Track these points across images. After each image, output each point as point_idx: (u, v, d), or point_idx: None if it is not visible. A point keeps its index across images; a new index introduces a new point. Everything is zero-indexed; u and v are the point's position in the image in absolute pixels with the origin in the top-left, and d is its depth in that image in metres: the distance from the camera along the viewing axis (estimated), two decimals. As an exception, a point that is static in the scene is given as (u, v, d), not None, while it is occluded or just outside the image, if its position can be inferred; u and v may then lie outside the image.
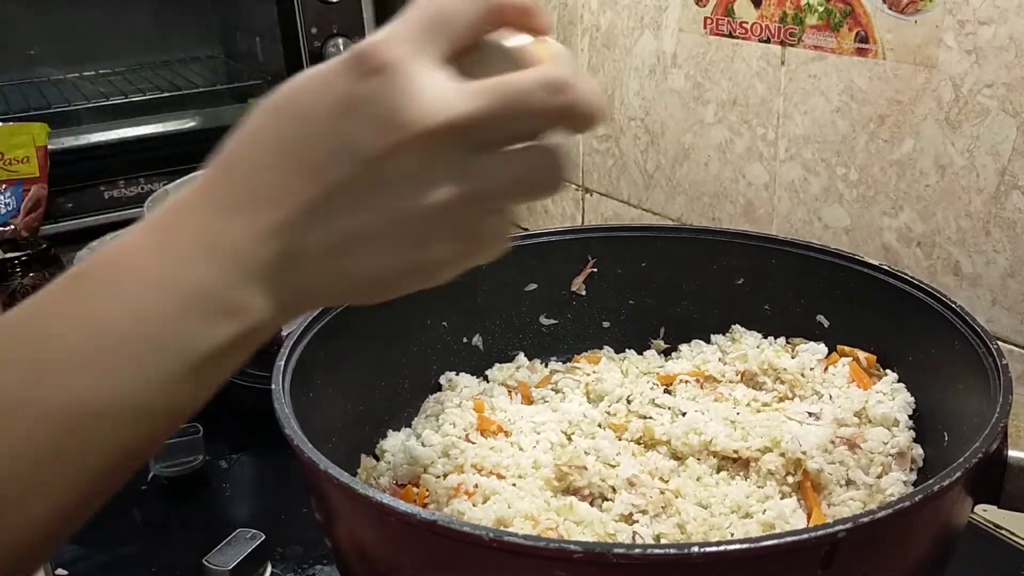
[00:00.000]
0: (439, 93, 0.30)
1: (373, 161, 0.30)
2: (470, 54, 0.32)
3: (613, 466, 0.55)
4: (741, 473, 0.55)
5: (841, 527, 0.37)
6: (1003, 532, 0.64)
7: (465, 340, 0.69)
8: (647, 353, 0.70)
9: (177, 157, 1.33)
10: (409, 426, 0.64)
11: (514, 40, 0.33)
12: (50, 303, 0.31)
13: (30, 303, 0.31)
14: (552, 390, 0.66)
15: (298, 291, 0.33)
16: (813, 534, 0.37)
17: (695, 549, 0.36)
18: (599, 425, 0.60)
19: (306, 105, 0.31)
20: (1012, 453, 0.45)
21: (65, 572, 0.64)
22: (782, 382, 0.63)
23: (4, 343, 0.31)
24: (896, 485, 0.53)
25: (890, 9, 0.74)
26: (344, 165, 0.30)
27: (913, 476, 0.56)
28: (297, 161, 0.31)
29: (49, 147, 1.12)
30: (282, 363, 0.52)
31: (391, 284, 0.34)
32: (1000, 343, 0.52)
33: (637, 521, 0.50)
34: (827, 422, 0.57)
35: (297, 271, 0.32)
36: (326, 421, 0.55)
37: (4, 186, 1.07)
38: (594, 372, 0.67)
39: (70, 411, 0.29)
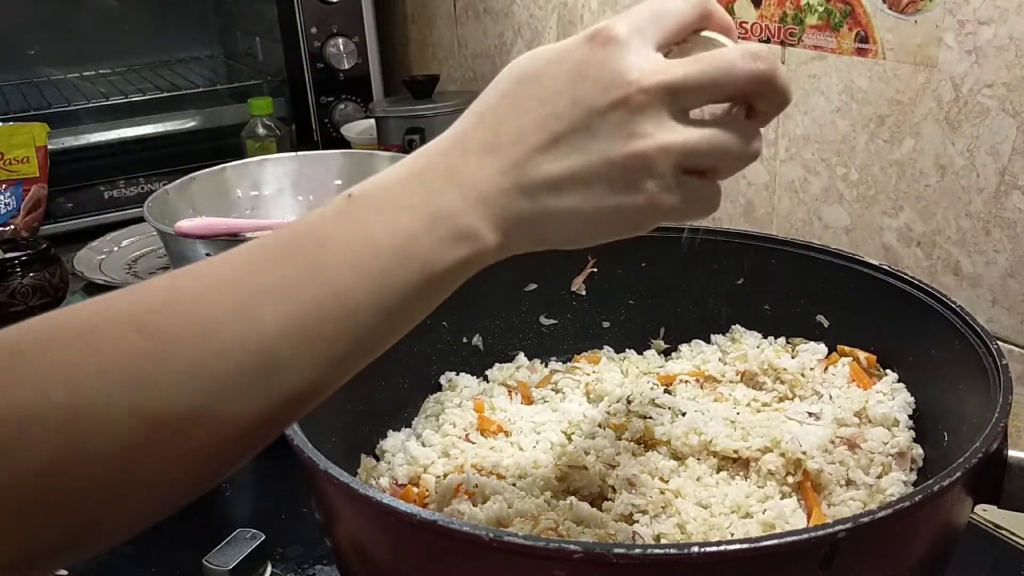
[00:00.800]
0: (655, 62, 0.37)
1: (596, 112, 0.37)
2: (680, 46, 0.40)
3: (613, 466, 0.55)
4: (741, 473, 0.55)
5: (841, 527, 0.37)
6: (1003, 532, 0.64)
7: (465, 340, 0.69)
8: (647, 353, 0.70)
9: (177, 157, 1.33)
10: (409, 426, 0.64)
11: (716, 37, 0.40)
12: (321, 220, 0.37)
13: (303, 220, 0.37)
14: (552, 390, 0.66)
15: (522, 224, 0.38)
16: (813, 534, 0.37)
17: (695, 549, 0.36)
18: (599, 425, 0.60)
19: (547, 69, 0.38)
20: (1012, 453, 0.45)
21: (65, 572, 0.64)
22: (782, 382, 0.63)
23: (287, 245, 0.36)
24: (896, 485, 0.53)
25: (890, 9, 0.74)
26: (572, 115, 0.37)
27: (913, 476, 0.55)
28: (536, 114, 0.37)
29: (49, 147, 1.13)
30: (282, 363, 0.52)
31: (601, 227, 0.39)
32: (1000, 343, 0.52)
33: (637, 521, 0.50)
34: (827, 422, 0.57)
35: (523, 204, 0.37)
36: (326, 421, 0.55)
37: (4, 186, 1.07)
38: (594, 372, 0.67)
39: (333, 303, 0.35)
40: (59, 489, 0.31)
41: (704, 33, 0.40)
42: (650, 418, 0.60)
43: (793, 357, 0.64)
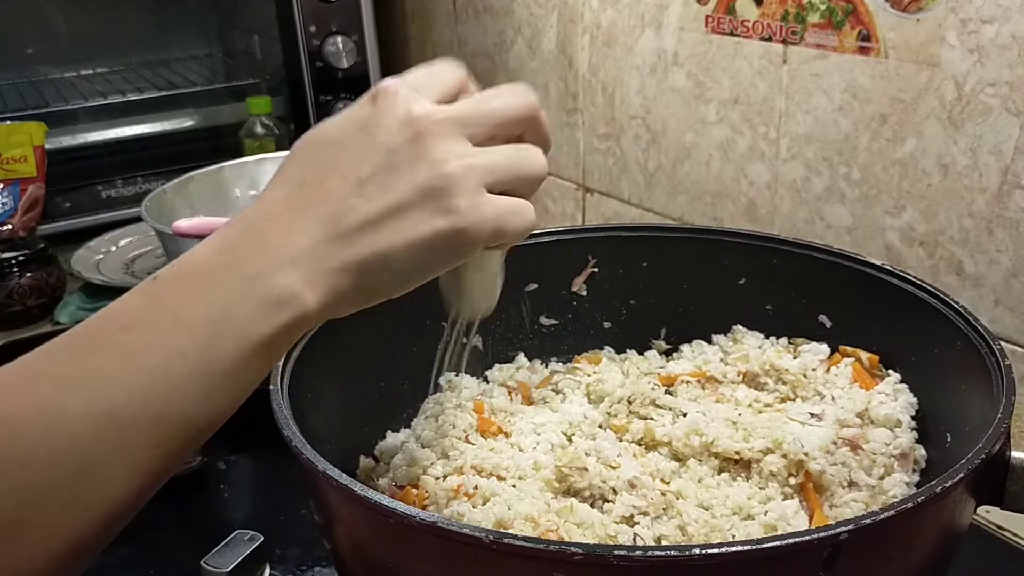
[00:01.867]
0: (430, 104, 0.40)
1: (395, 150, 0.38)
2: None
3: (614, 467, 0.54)
4: (743, 474, 0.55)
5: (843, 528, 0.37)
6: (1006, 533, 0.63)
7: (465, 340, 0.69)
8: (648, 354, 0.70)
9: (175, 156, 1.32)
10: (408, 427, 0.64)
11: None
12: (124, 306, 0.36)
13: (110, 307, 0.36)
14: (552, 391, 0.66)
15: (344, 274, 0.38)
16: (815, 536, 0.37)
17: (696, 551, 0.36)
18: (600, 426, 0.60)
19: (338, 131, 0.40)
20: (1015, 454, 0.45)
21: None
22: (784, 383, 0.63)
23: (95, 335, 0.36)
24: (899, 486, 0.53)
25: (892, 7, 0.74)
26: (374, 159, 0.38)
27: (916, 477, 0.55)
28: (337, 168, 0.38)
29: (47, 146, 1.12)
30: (281, 363, 0.52)
31: (424, 257, 0.39)
32: (1003, 343, 0.51)
33: (638, 523, 0.50)
34: (829, 423, 0.56)
35: (342, 253, 0.37)
36: (325, 422, 0.55)
37: (1, 185, 1.07)
38: (595, 373, 0.67)
39: (145, 391, 0.34)
40: None
41: None
42: (651, 419, 0.60)
43: (795, 358, 0.64)
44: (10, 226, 1.06)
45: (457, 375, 0.66)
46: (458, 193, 0.38)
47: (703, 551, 0.36)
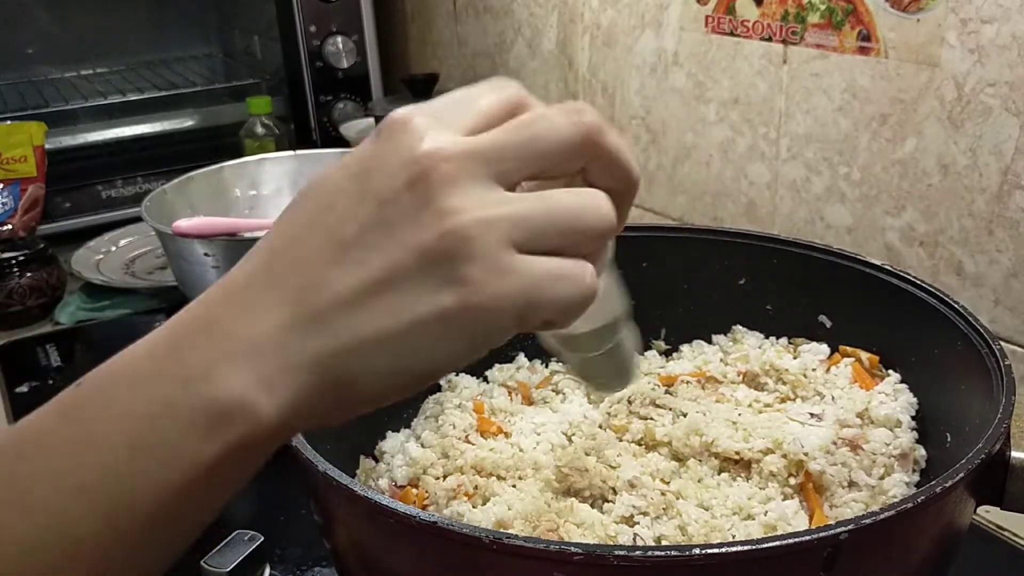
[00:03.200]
0: (457, 138, 0.29)
1: (389, 200, 0.28)
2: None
3: (614, 467, 0.54)
4: (743, 475, 0.55)
5: (843, 529, 0.37)
6: (1006, 534, 0.63)
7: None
8: (648, 354, 0.70)
9: (175, 156, 1.32)
10: (408, 427, 0.64)
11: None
12: (31, 425, 0.29)
13: (18, 425, 0.29)
14: (552, 391, 0.66)
15: (315, 371, 0.28)
16: (815, 536, 0.37)
17: (696, 551, 0.36)
18: (600, 426, 0.60)
19: (329, 176, 0.30)
20: (1015, 454, 0.45)
21: None
22: (784, 383, 0.63)
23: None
24: (899, 486, 0.53)
25: (892, 7, 0.74)
26: (361, 213, 0.28)
27: (916, 477, 0.55)
28: (316, 227, 0.29)
29: (47, 146, 1.12)
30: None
31: (428, 349, 0.28)
32: (1003, 343, 0.51)
33: (638, 523, 0.50)
34: (829, 423, 0.56)
35: (312, 343, 0.28)
36: (325, 422, 0.55)
37: (1, 186, 1.07)
38: (594, 372, 0.67)
39: (49, 539, 0.27)
40: None
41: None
42: (651, 419, 0.60)
43: (795, 358, 0.64)
44: (10, 226, 1.06)
45: (456, 375, 0.66)
46: (472, 256, 0.27)
47: (703, 551, 0.36)
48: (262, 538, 0.61)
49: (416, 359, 0.29)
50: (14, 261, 1.03)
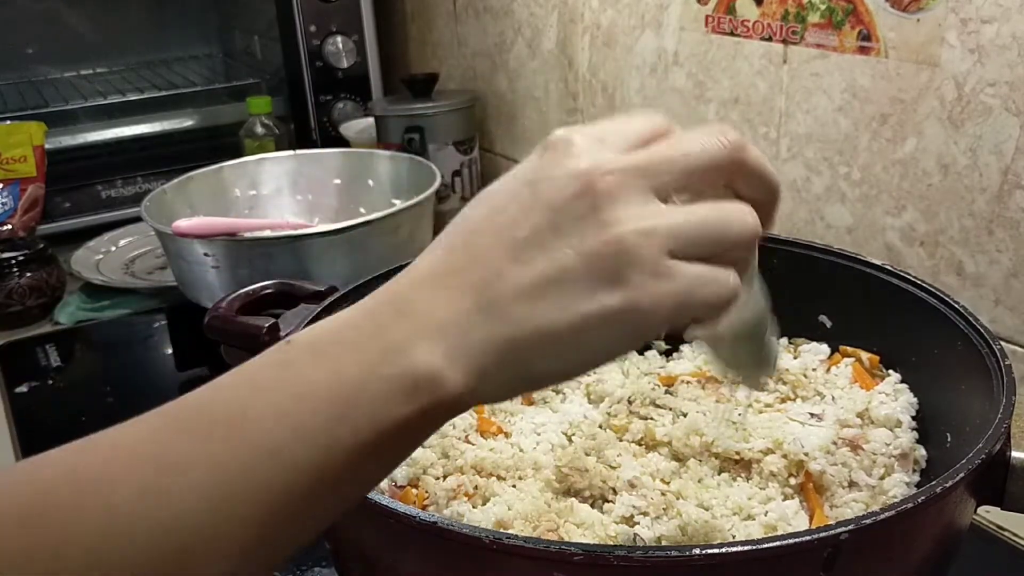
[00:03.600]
0: (603, 152, 0.33)
1: (559, 207, 0.32)
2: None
3: (614, 467, 0.54)
4: (743, 475, 0.55)
5: (844, 529, 0.37)
6: (1006, 534, 0.63)
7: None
8: (648, 354, 0.70)
9: (175, 156, 1.33)
10: (408, 427, 0.63)
11: None
12: (245, 375, 0.33)
13: (230, 374, 0.33)
14: (552, 391, 0.66)
15: (495, 353, 0.32)
16: (815, 536, 0.37)
17: (697, 551, 0.36)
18: (600, 426, 0.60)
19: (502, 185, 0.35)
20: (1015, 454, 0.45)
21: None
22: (784, 383, 0.63)
23: (208, 404, 0.32)
24: (899, 487, 0.53)
25: (892, 7, 0.74)
26: (533, 217, 0.33)
27: (916, 477, 0.55)
28: (492, 228, 0.33)
29: (46, 146, 1.12)
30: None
31: (592, 340, 0.33)
32: (1003, 343, 0.51)
33: (638, 523, 0.50)
34: (829, 423, 0.56)
35: (493, 327, 0.32)
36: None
37: (1, 185, 1.07)
38: (595, 373, 0.66)
39: (256, 471, 0.31)
40: None
41: None
42: (651, 419, 0.60)
43: (795, 358, 0.64)
44: (10, 226, 1.06)
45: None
46: (633, 263, 0.32)
47: (703, 551, 0.36)
48: (262, 538, 0.60)
49: (580, 349, 0.33)
50: (14, 261, 1.03)
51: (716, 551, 0.36)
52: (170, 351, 0.96)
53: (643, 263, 0.32)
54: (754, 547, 0.36)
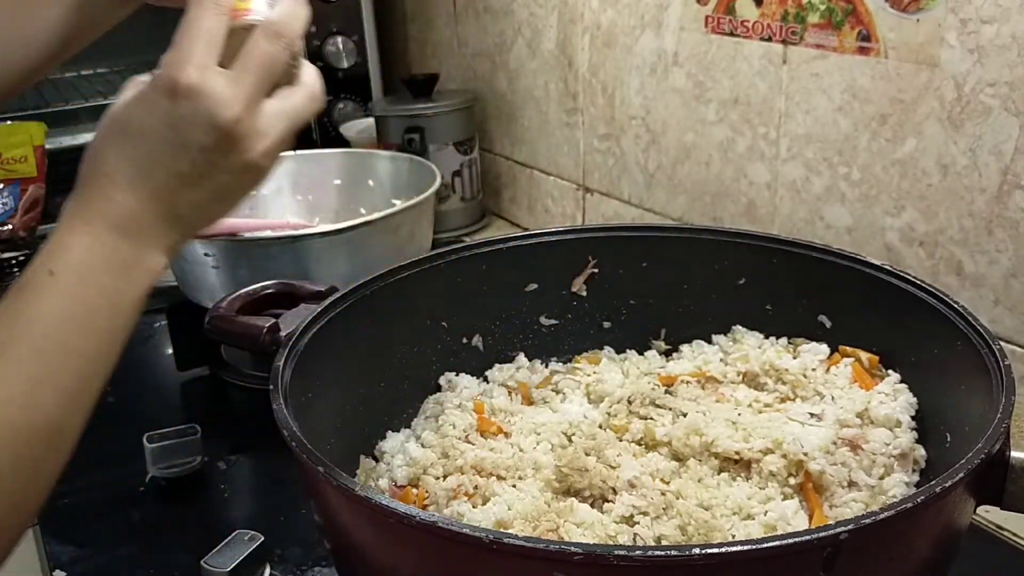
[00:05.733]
0: (229, 92, 0.45)
1: (210, 149, 0.45)
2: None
3: (614, 467, 0.54)
4: (743, 474, 0.55)
5: (843, 528, 0.37)
6: (1005, 533, 0.63)
7: (465, 341, 0.69)
8: (648, 354, 0.70)
9: (175, 156, 1.32)
10: (409, 427, 0.64)
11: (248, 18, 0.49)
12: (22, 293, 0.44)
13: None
14: (552, 391, 0.66)
15: (182, 239, 0.48)
16: (815, 535, 0.37)
17: (696, 551, 0.36)
18: (600, 426, 0.60)
19: (141, 125, 0.46)
20: (1015, 454, 0.45)
21: (64, 573, 0.64)
22: (784, 383, 0.63)
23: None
24: (898, 486, 0.53)
25: (892, 8, 0.74)
26: (187, 157, 0.45)
27: (915, 477, 0.55)
28: (150, 161, 0.46)
29: (47, 146, 1.12)
30: (280, 364, 0.52)
31: (232, 207, 0.49)
32: (1003, 343, 0.51)
33: (638, 523, 0.50)
34: (829, 423, 0.56)
35: (180, 228, 0.47)
36: (325, 422, 0.55)
37: (2, 186, 1.07)
38: (595, 373, 0.67)
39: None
40: None
41: (232, 25, 0.48)
42: (651, 419, 0.60)
43: (795, 358, 0.64)
44: (10, 226, 1.06)
45: (457, 375, 0.65)
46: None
47: (703, 551, 0.36)
48: (262, 538, 0.61)
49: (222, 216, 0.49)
50: (14, 261, 1.04)
51: (716, 551, 0.36)
52: (170, 351, 0.96)
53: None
54: (754, 547, 0.36)
